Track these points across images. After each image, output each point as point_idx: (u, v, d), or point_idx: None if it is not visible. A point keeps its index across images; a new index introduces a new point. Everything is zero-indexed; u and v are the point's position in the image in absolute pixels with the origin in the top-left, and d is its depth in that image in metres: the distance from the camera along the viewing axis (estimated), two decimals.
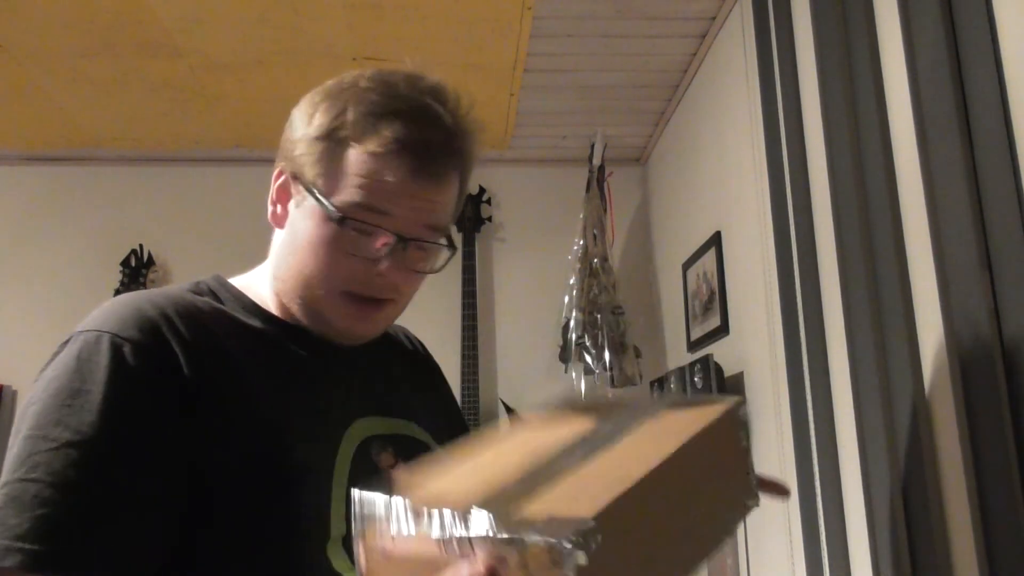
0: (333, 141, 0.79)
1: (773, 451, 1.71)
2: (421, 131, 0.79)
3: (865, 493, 1.28)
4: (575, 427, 0.69)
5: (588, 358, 2.49)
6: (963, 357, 1.06)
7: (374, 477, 0.79)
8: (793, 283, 1.58)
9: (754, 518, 1.89)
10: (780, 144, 1.65)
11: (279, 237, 0.85)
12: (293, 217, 0.83)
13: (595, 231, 2.59)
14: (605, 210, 2.62)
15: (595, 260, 2.56)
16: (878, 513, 1.25)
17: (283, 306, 0.85)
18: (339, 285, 0.80)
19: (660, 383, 2.34)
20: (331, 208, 0.78)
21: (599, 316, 2.51)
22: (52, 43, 2.15)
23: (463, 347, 2.69)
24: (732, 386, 1.95)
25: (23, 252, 2.86)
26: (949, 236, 1.08)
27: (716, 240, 2.11)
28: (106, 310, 0.77)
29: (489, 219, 2.90)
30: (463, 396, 2.65)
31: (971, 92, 1.05)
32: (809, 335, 1.50)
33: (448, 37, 2.14)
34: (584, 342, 2.50)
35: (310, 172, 0.80)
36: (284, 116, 0.85)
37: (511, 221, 2.97)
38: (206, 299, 0.82)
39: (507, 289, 2.91)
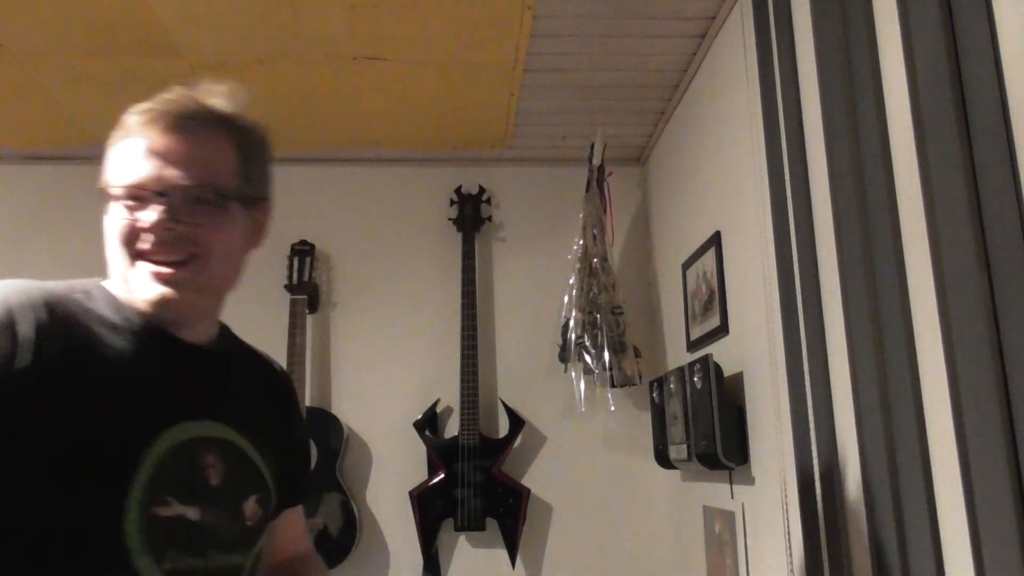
0: (111, 148, 0.95)
1: (772, 451, 1.71)
2: (157, 104, 0.94)
3: (865, 493, 1.28)
4: None
5: (588, 358, 2.49)
6: (961, 357, 1.06)
7: (184, 483, 0.87)
8: (793, 283, 1.58)
9: (753, 518, 1.89)
10: (780, 144, 1.65)
11: None
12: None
13: (595, 231, 2.59)
14: (605, 210, 2.62)
15: (595, 260, 2.56)
16: (878, 513, 1.25)
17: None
18: (127, 248, 0.90)
19: (660, 383, 2.34)
20: (102, 188, 0.92)
21: (599, 316, 2.51)
22: (52, 43, 2.15)
23: (463, 347, 2.69)
24: (732, 386, 1.95)
25: (22, 251, 2.86)
26: (948, 236, 1.08)
27: (716, 240, 2.11)
28: None
29: (489, 219, 2.90)
30: (463, 396, 2.65)
31: (970, 92, 1.05)
32: (809, 335, 1.50)
33: (448, 37, 2.14)
34: (584, 342, 2.50)
35: (103, 179, 0.94)
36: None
37: (511, 221, 2.97)
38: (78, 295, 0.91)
39: (507, 289, 2.91)
